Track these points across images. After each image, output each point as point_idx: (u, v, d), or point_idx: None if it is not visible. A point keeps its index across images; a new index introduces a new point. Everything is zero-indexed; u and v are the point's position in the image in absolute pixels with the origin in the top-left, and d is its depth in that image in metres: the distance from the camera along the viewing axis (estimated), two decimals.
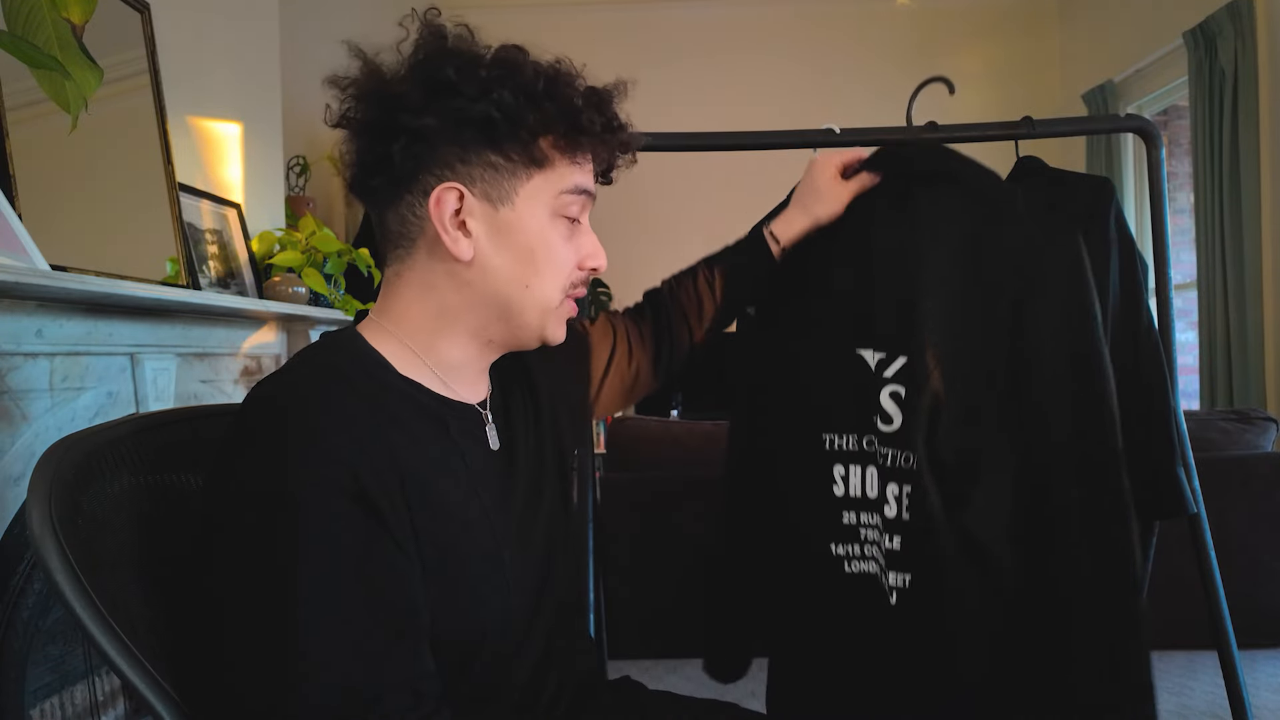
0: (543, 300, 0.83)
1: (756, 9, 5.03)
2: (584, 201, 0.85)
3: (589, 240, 0.87)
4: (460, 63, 0.78)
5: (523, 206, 0.81)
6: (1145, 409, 1.41)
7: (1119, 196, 4.55)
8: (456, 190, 0.79)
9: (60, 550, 0.68)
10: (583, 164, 0.84)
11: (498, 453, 0.86)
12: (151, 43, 2.12)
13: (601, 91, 0.85)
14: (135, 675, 0.68)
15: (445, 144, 0.78)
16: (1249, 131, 3.34)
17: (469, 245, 0.80)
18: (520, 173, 0.80)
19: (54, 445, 0.76)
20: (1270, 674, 2.34)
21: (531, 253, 0.82)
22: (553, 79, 0.81)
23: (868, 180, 1.22)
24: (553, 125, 0.80)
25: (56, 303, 1.58)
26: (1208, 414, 2.69)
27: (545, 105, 0.79)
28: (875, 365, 1.13)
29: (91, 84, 1.72)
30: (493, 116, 0.77)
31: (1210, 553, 1.41)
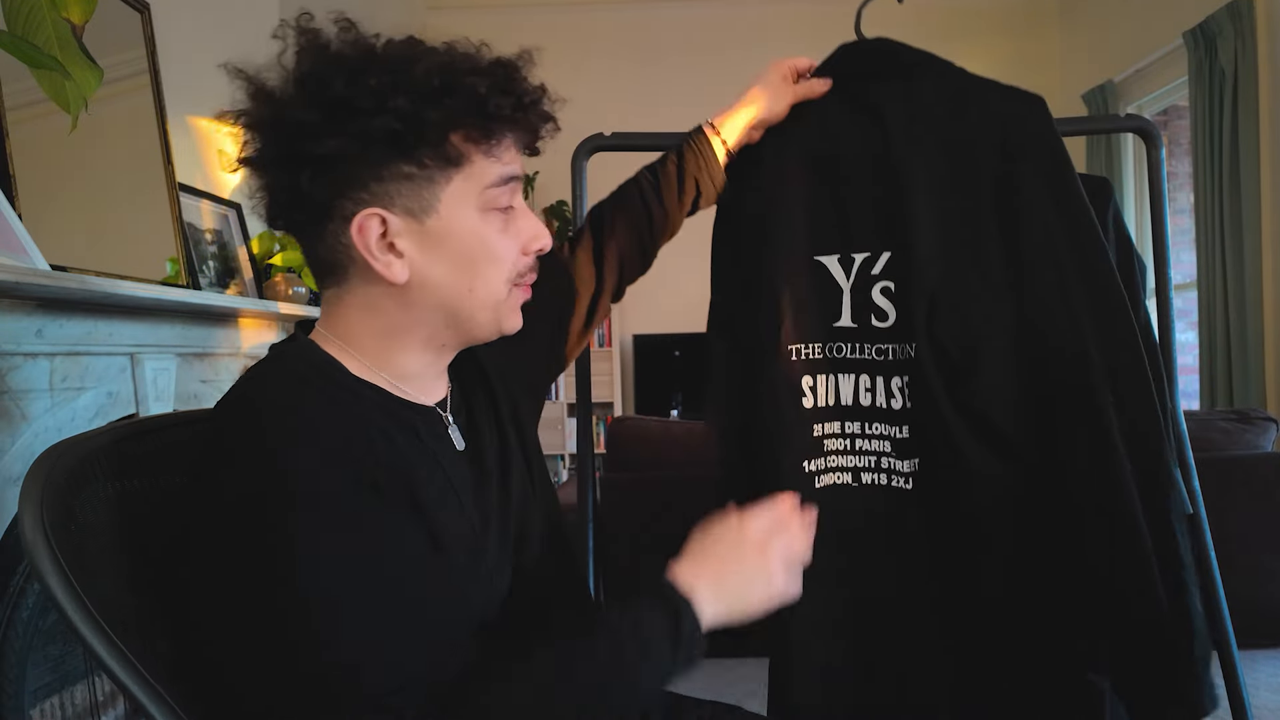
0: (490, 299, 0.80)
1: (755, 9, 5.03)
2: (513, 188, 0.80)
3: (528, 224, 0.82)
4: (348, 73, 0.73)
5: (448, 212, 0.77)
6: None
7: (1120, 196, 4.56)
8: (377, 215, 0.75)
9: (53, 556, 0.68)
10: (502, 152, 0.79)
11: (464, 452, 0.85)
12: (151, 43, 2.12)
13: (505, 66, 0.78)
14: (130, 680, 0.68)
15: (354, 166, 0.74)
16: (1249, 131, 3.34)
17: (403, 266, 0.76)
18: (438, 178, 0.76)
19: (46, 451, 0.76)
20: (1270, 674, 2.34)
21: (468, 257, 0.78)
22: (448, 69, 0.75)
23: (818, 86, 1.18)
24: (459, 120, 0.75)
25: (56, 303, 1.58)
26: (1208, 414, 2.69)
27: (445, 101, 0.74)
28: (861, 263, 1.12)
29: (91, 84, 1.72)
30: (394, 129, 0.72)
31: (1210, 553, 1.41)
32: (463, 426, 0.87)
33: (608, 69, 5.09)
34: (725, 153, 1.15)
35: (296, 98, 0.74)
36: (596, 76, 5.07)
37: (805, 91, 1.17)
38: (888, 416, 1.11)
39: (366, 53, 0.76)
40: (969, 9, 5.01)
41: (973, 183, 1.07)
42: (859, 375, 1.12)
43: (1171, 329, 1.48)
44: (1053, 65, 5.04)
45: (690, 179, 1.14)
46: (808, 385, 1.13)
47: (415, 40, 0.78)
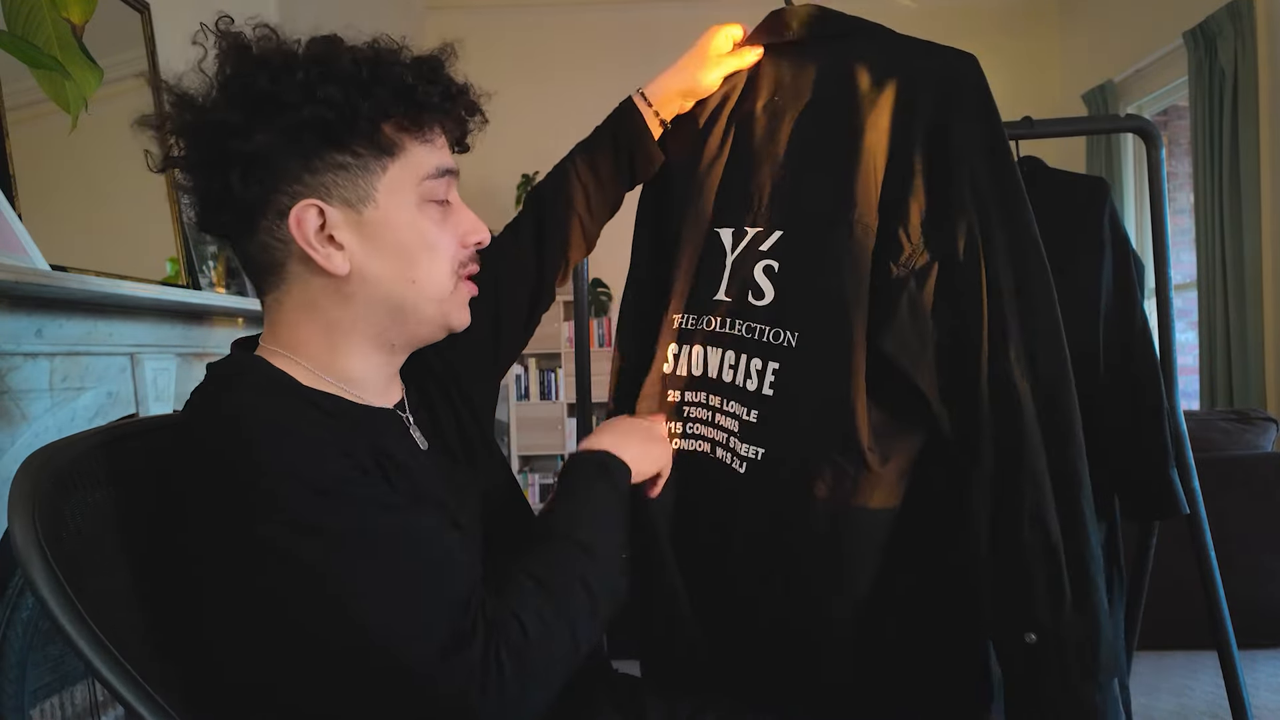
0: (434, 291, 0.81)
1: (756, 9, 5.02)
2: (449, 181, 0.81)
3: (465, 217, 0.84)
4: (273, 70, 0.73)
5: (386, 202, 0.77)
6: (1137, 409, 1.41)
7: (1120, 196, 4.56)
8: (315, 205, 0.74)
9: (45, 563, 0.68)
10: (435, 142, 0.80)
11: (428, 451, 0.85)
12: (151, 43, 2.12)
13: (429, 60, 0.80)
14: (125, 688, 0.68)
15: (285, 159, 0.74)
16: (1249, 131, 3.34)
17: (343, 258, 0.76)
18: (373, 166, 0.76)
19: (31, 456, 0.76)
20: (1270, 674, 2.34)
21: (408, 249, 0.78)
22: (374, 61, 0.76)
23: (749, 55, 1.14)
24: (390, 107, 0.75)
25: (56, 303, 1.58)
26: (1208, 414, 2.70)
27: (375, 90, 0.74)
28: (751, 238, 1.07)
29: (91, 84, 1.72)
30: (325, 117, 0.72)
31: (1210, 553, 1.41)
32: (424, 425, 0.87)
33: (608, 69, 5.10)
34: (659, 123, 1.12)
35: (219, 100, 0.74)
36: (596, 76, 5.07)
37: (737, 61, 1.14)
38: (741, 397, 1.05)
39: (289, 53, 0.76)
40: (969, 9, 5.01)
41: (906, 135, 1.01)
42: (724, 350, 1.07)
43: (1171, 329, 1.48)
44: (1053, 65, 5.04)
45: (624, 154, 1.12)
46: (672, 353, 1.11)
47: (337, 38, 0.79)
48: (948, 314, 0.98)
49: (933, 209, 0.99)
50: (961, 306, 0.97)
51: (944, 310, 0.98)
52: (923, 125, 1.01)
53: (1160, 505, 1.42)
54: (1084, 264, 1.43)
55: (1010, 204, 0.99)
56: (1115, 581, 1.46)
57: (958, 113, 1.01)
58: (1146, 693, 2.23)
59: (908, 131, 1.01)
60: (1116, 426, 1.42)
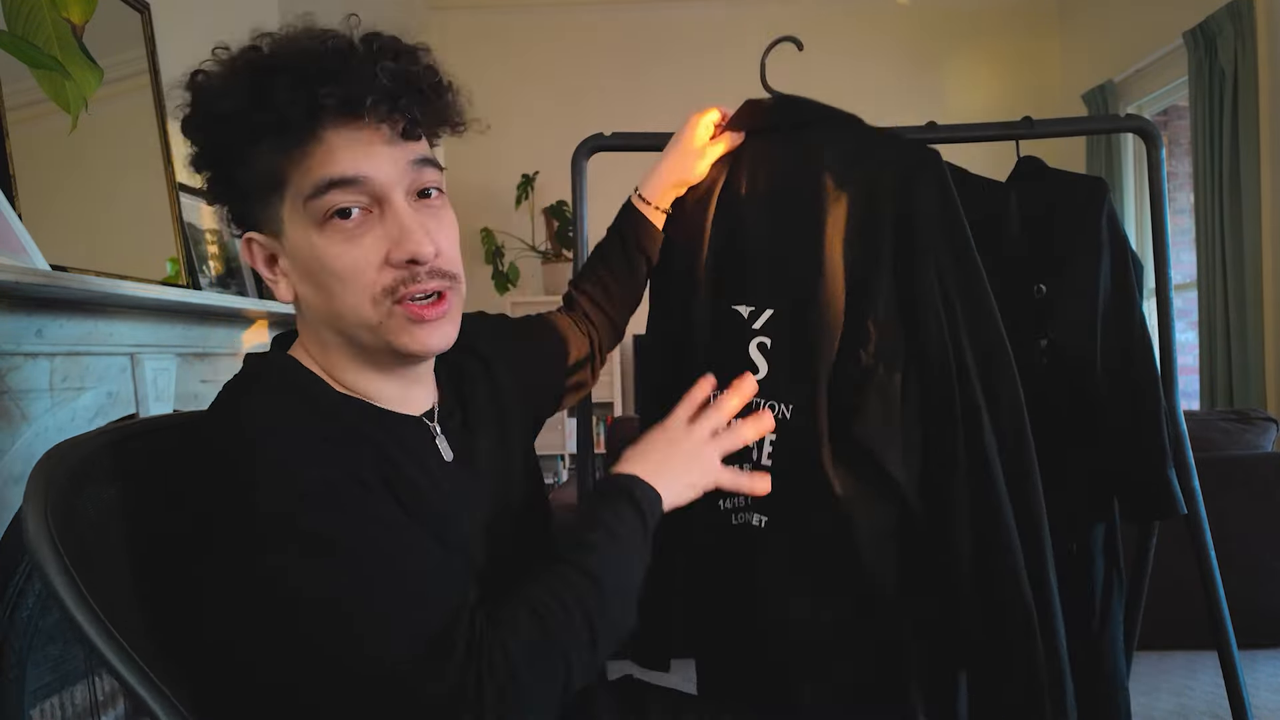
0: (356, 319, 0.74)
1: (756, 9, 5.03)
2: (351, 192, 0.71)
3: (394, 227, 0.72)
4: (188, 114, 0.75)
5: (290, 230, 0.74)
6: (1136, 410, 1.41)
7: (1120, 196, 4.56)
8: (253, 238, 0.76)
9: (57, 555, 0.69)
10: (314, 156, 0.71)
11: (452, 463, 0.83)
12: (151, 43, 2.12)
13: (258, 75, 0.71)
14: (135, 679, 0.69)
15: (219, 197, 0.78)
16: (1249, 131, 3.34)
17: (287, 285, 0.77)
18: (269, 198, 0.73)
19: (49, 451, 0.77)
20: (1270, 674, 2.34)
21: (316, 276, 0.74)
22: (211, 96, 0.73)
23: (733, 140, 1.18)
24: (241, 144, 0.72)
25: (56, 303, 1.58)
26: (1208, 414, 2.70)
27: (219, 131, 0.72)
28: (747, 317, 1.13)
29: (91, 84, 1.72)
30: (202, 157, 0.75)
31: (1210, 553, 1.41)
32: (454, 433, 0.86)
33: (608, 69, 5.09)
34: (660, 213, 1.18)
35: None
36: (596, 76, 5.07)
37: (721, 148, 1.18)
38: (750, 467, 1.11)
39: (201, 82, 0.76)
40: (969, 9, 5.01)
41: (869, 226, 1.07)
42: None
43: (1171, 329, 1.48)
44: (1053, 65, 5.04)
45: (636, 253, 1.17)
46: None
47: (207, 70, 0.76)
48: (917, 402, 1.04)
49: (900, 299, 1.05)
50: (932, 397, 1.03)
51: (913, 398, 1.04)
52: (887, 217, 1.06)
53: (1159, 506, 1.41)
54: (1082, 265, 1.43)
55: (974, 291, 1.06)
56: (1114, 582, 1.46)
57: (921, 204, 1.06)
58: (1146, 693, 2.23)
59: (871, 223, 1.07)
60: (1114, 427, 1.41)
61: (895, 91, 4.94)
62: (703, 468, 0.86)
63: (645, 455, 0.84)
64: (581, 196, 1.46)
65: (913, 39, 5.00)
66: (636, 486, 0.80)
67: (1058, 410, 1.43)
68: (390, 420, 0.79)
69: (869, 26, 5.01)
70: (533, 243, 4.95)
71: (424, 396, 0.85)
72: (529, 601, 0.71)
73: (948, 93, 4.98)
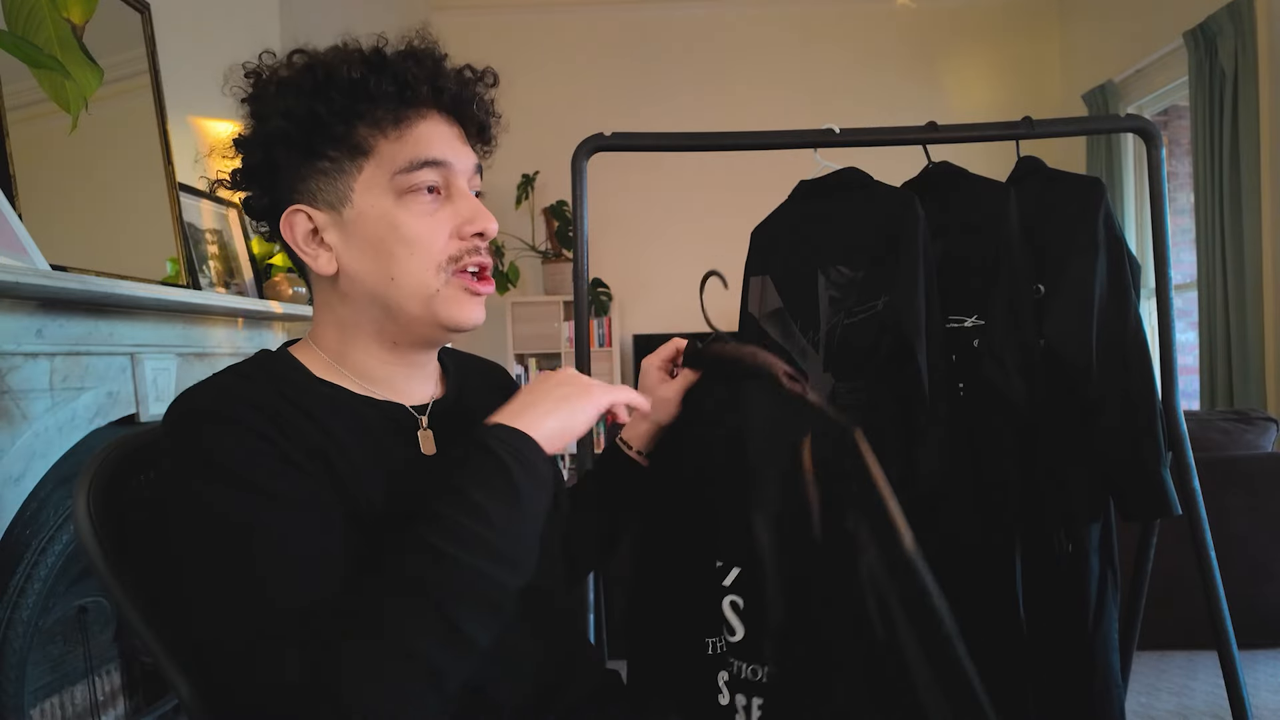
0: (416, 288, 0.80)
1: (756, 9, 5.03)
2: (436, 173, 0.81)
3: (465, 206, 0.82)
4: (256, 95, 0.82)
5: (361, 201, 0.80)
6: (1131, 409, 1.42)
7: (1120, 197, 4.55)
8: (301, 211, 0.80)
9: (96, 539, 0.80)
10: (411, 136, 0.80)
11: (434, 459, 0.84)
12: (151, 43, 2.12)
13: (381, 55, 0.81)
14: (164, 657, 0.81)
15: (272, 172, 0.81)
16: (1249, 131, 3.34)
17: (329, 259, 0.81)
18: (348, 168, 0.80)
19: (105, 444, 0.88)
20: (1270, 674, 2.34)
21: (383, 244, 0.80)
22: (329, 65, 0.79)
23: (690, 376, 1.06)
24: (349, 110, 0.78)
25: (56, 303, 1.58)
26: (1208, 414, 2.70)
27: (331, 95, 0.78)
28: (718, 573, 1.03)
29: (91, 84, 1.72)
30: (285, 129, 0.78)
31: (1210, 553, 1.41)
32: (447, 431, 0.87)
33: (608, 69, 5.09)
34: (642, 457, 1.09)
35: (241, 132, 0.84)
36: (596, 76, 5.07)
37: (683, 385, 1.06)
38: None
39: (270, 71, 0.82)
40: (970, 9, 5.01)
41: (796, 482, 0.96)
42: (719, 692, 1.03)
43: (1171, 329, 1.48)
44: (1053, 65, 5.04)
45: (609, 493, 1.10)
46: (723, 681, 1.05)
47: (312, 51, 0.82)
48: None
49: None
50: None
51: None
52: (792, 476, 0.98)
53: (1154, 506, 1.42)
54: (1078, 264, 1.43)
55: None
56: (1109, 582, 1.46)
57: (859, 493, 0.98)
58: (1146, 693, 2.23)
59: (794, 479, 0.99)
60: (1110, 427, 1.42)
61: (895, 91, 4.94)
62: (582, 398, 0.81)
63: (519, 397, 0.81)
64: (581, 196, 1.46)
65: (913, 39, 5.00)
66: (494, 434, 0.75)
67: (1054, 409, 1.43)
68: (366, 404, 0.82)
69: (869, 27, 5.01)
70: (533, 243, 4.95)
71: (420, 389, 0.88)
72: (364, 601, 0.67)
73: (948, 93, 4.98)
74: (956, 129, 1.50)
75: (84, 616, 1.75)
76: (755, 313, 1.57)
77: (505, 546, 0.70)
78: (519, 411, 0.78)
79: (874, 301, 1.46)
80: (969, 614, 1.47)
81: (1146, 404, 1.41)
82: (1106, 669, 1.45)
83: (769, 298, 1.56)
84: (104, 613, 1.80)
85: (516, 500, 0.71)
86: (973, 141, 1.51)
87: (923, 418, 1.41)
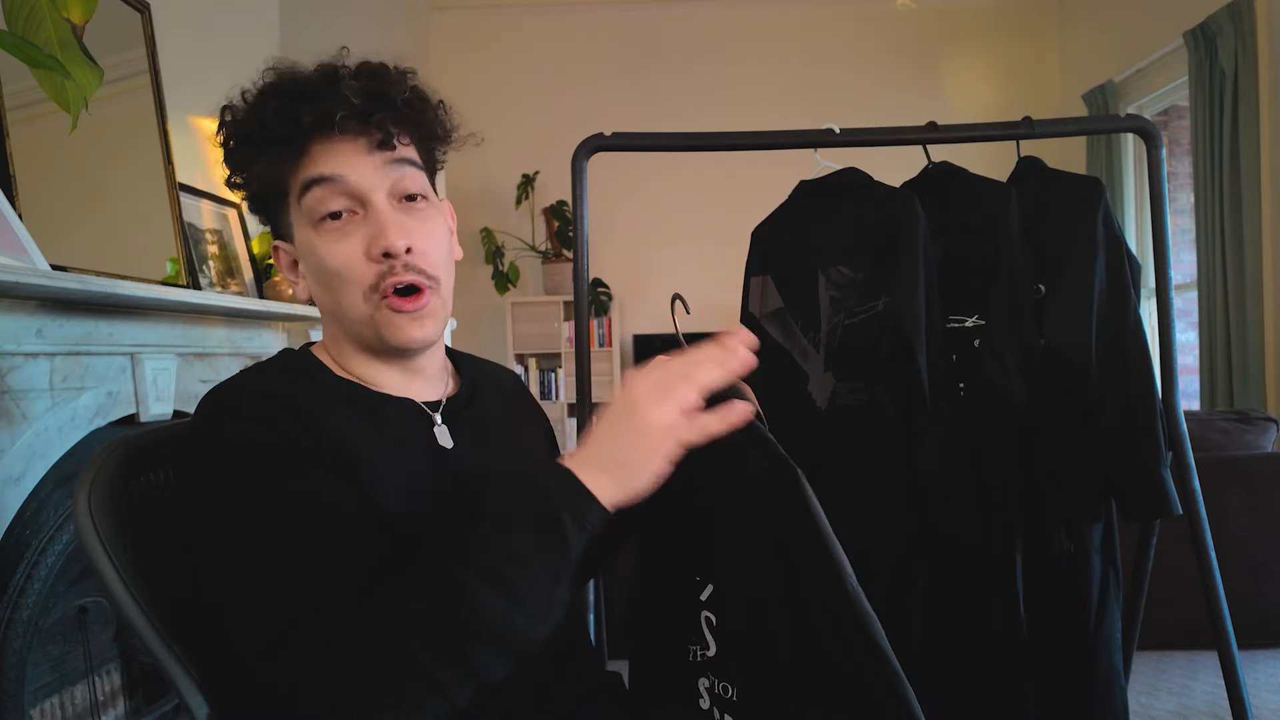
0: (355, 314, 0.81)
1: (756, 9, 5.03)
2: (330, 191, 0.79)
3: (373, 223, 0.79)
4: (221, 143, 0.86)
5: (297, 235, 0.83)
6: (1131, 409, 1.42)
7: (1120, 197, 4.55)
8: (280, 246, 0.87)
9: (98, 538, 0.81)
10: (307, 161, 0.80)
11: (451, 451, 0.86)
12: (151, 43, 2.12)
13: (269, 90, 0.81)
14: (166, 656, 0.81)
15: (252, 209, 0.88)
16: (1249, 131, 3.34)
17: (304, 287, 0.86)
18: (281, 203, 0.83)
19: (107, 442, 0.89)
20: (1270, 674, 2.34)
21: (318, 274, 0.82)
22: (245, 113, 0.82)
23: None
24: (259, 149, 0.81)
25: (56, 303, 1.58)
26: (1208, 414, 2.70)
27: (241, 140, 0.83)
28: (696, 587, 1.03)
29: (91, 84, 1.73)
30: (231, 174, 0.85)
31: (1210, 553, 1.41)
32: (462, 426, 0.88)
33: (608, 69, 5.09)
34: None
35: None
36: (596, 76, 5.07)
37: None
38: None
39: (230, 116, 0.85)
40: (970, 9, 5.01)
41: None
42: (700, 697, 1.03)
43: (1171, 329, 1.48)
44: (1053, 65, 5.04)
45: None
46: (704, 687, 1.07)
47: (248, 91, 0.84)
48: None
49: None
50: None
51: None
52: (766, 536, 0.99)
53: (1154, 506, 1.42)
54: (1078, 264, 1.43)
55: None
56: (1110, 582, 1.46)
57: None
58: (1146, 693, 2.23)
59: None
60: (1110, 427, 1.42)
61: (895, 91, 4.94)
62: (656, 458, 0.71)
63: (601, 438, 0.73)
64: (581, 196, 1.46)
65: (913, 39, 5.00)
66: (554, 482, 0.70)
67: (1054, 410, 1.43)
68: (380, 399, 0.84)
69: (869, 27, 5.01)
70: (533, 242, 4.95)
71: (429, 388, 0.89)
72: (378, 618, 0.66)
73: (948, 93, 4.98)
74: (956, 129, 1.50)
75: (84, 616, 1.75)
76: (756, 313, 1.57)
77: (538, 600, 0.68)
78: (588, 461, 0.71)
79: (874, 301, 1.46)
80: (969, 614, 1.48)
81: (1146, 404, 1.41)
82: (1109, 668, 1.45)
83: (769, 298, 1.56)
84: (104, 613, 1.80)
85: (563, 558, 0.68)
86: (973, 141, 1.51)
87: (923, 418, 1.42)
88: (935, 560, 1.43)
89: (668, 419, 0.71)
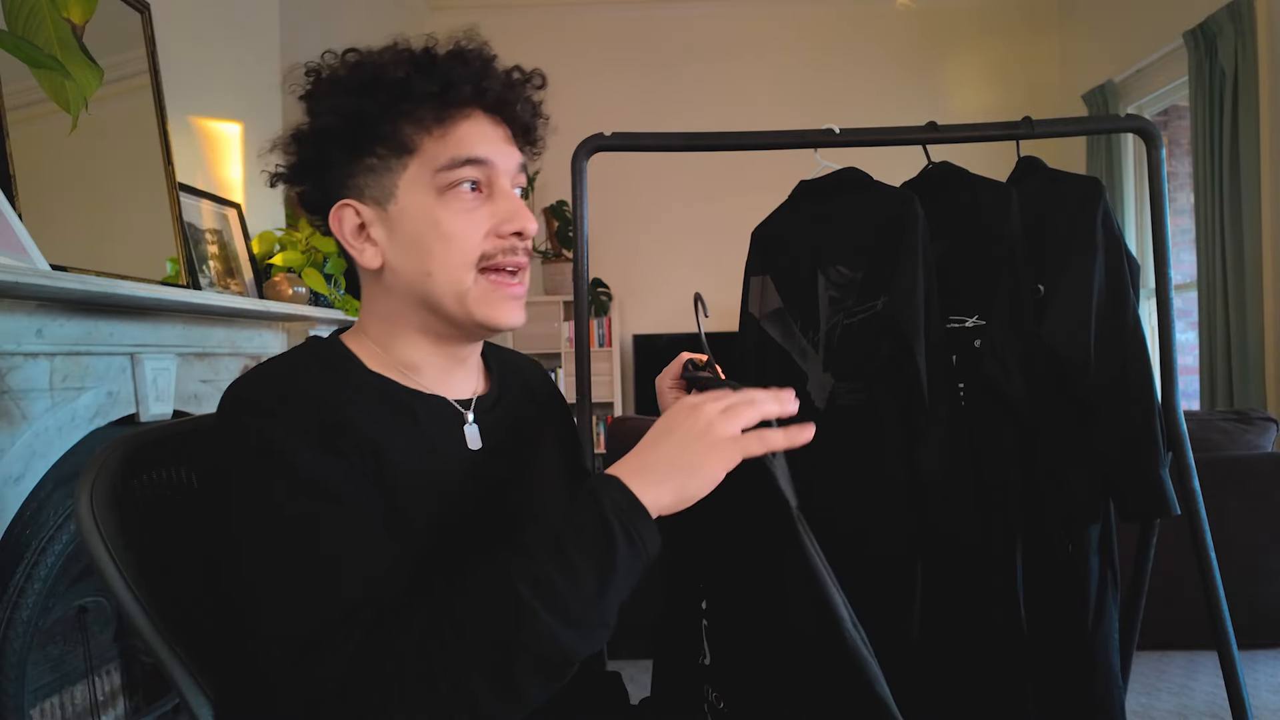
0: (450, 285, 0.81)
1: (757, 9, 5.03)
2: (477, 170, 0.82)
3: (505, 205, 0.83)
4: (310, 94, 0.84)
5: (405, 197, 0.82)
6: (1130, 409, 1.42)
7: (1120, 197, 4.54)
8: (350, 206, 0.83)
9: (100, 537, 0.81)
10: (454, 135, 0.81)
11: (479, 453, 0.86)
12: (151, 43, 2.12)
13: (430, 54, 0.83)
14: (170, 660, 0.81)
15: (324, 169, 0.83)
16: (1249, 131, 3.34)
17: (375, 253, 0.83)
18: (394, 165, 0.82)
19: (109, 441, 0.89)
20: (1270, 674, 2.34)
21: (421, 239, 0.81)
22: (378, 65, 0.81)
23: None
24: (393, 108, 0.80)
25: (56, 303, 1.58)
26: (1208, 414, 2.69)
27: (378, 94, 0.80)
28: (699, 594, 1.04)
29: (91, 84, 1.72)
30: (336, 125, 0.81)
31: (1210, 553, 1.41)
32: (490, 427, 0.88)
33: (608, 69, 5.09)
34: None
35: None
36: (597, 76, 5.07)
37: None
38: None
39: (324, 70, 0.85)
40: (969, 9, 5.01)
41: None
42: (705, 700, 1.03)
43: (1171, 329, 1.48)
44: (1053, 65, 5.04)
45: None
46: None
47: (367, 50, 0.84)
48: None
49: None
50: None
51: None
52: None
53: (1153, 506, 1.42)
54: (1077, 264, 1.43)
55: None
56: (1109, 581, 1.46)
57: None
58: (1146, 693, 2.23)
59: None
60: (1109, 427, 1.42)
61: (895, 91, 4.94)
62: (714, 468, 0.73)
63: (656, 444, 0.74)
64: (581, 196, 1.46)
65: (913, 39, 5.00)
66: (606, 492, 0.70)
67: (1054, 410, 1.43)
68: (413, 396, 0.84)
69: (869, 27, 5.01)
70: (533, 242, 4.95)
71: (464, 383, 0.89)
72: (430, 625, 0.66)
73: (948, 93, 4.98)
74: (956, 129, 1.50)
75: (84, 616, 1.75)
76: (756, 313, 1.57)
77: (585, 615, 0.66)
78: (640, 470, 0.71)
79: (874, 301, 1.46)
80: (969, 614, 1.48)
81: (1145, 403, 1.41)
82: (1107, 669, 1.45)
83: (769, 298, 1.56)
84: (104, 613, 1.80)
85: (612, 573, 0.67)
86: (973, 141, 1.51)
87: (923, 418, 1.42)
88: (935, 560, 1.43)
89: (734, 431, 0.74)
